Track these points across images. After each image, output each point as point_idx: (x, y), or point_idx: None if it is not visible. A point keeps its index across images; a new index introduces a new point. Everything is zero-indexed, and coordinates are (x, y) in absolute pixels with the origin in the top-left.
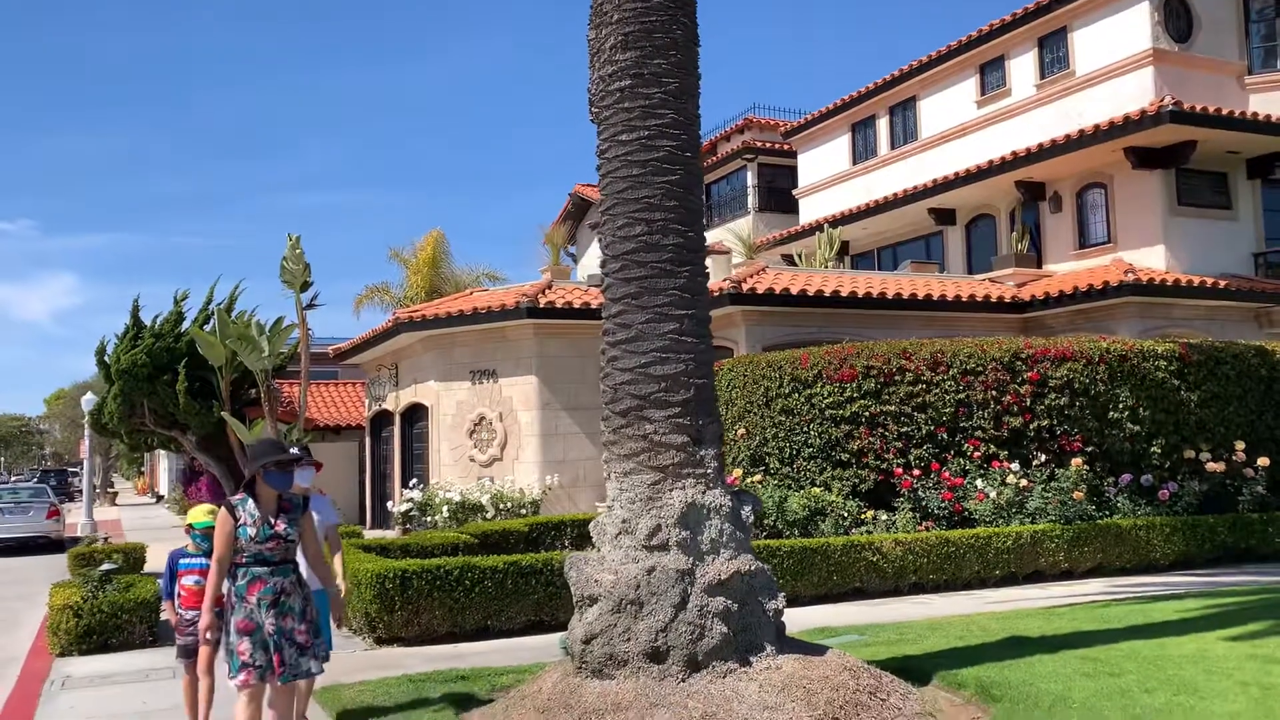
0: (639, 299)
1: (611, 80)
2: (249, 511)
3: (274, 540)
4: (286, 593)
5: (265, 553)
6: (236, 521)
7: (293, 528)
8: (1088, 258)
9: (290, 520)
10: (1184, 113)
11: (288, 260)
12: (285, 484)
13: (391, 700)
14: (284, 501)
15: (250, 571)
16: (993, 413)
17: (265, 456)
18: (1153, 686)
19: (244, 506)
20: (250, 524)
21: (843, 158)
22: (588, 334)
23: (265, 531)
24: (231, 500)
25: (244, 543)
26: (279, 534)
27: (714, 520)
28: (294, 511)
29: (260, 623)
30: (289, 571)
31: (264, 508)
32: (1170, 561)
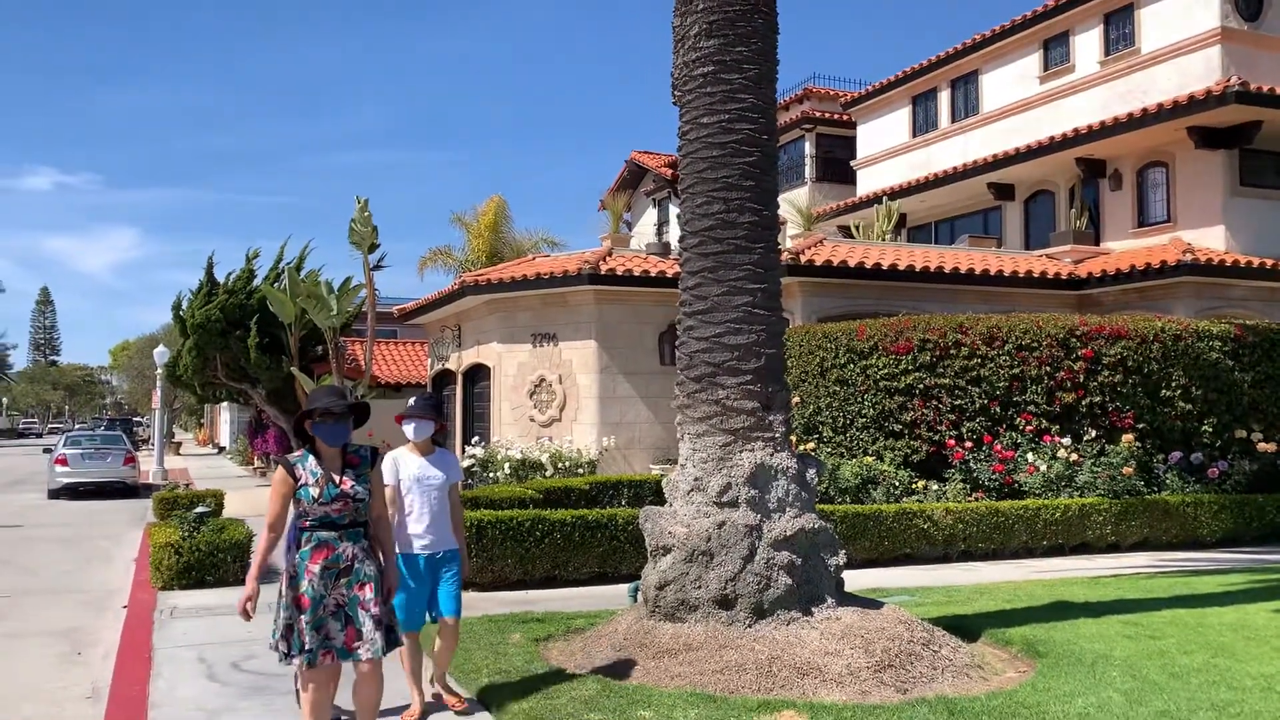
0: (715, 273)
1: (695, 66)
2: (309, 469)
3: (341, 500)
4: (358, 559)
5: (332, 515)
6: (296, 481)
7: (362, 484)
8: (1146, 236)
9: (358, 477)
10: (1249, 93)
11: (356, 222)
12: (336, 438)
13: (474, 636)
14: (349, 455)
15: (316, 537)
16: (1046, 388)
17: (315, 404)
18: (1191, 649)
19: (304, 464)
20: (312, 483)
21: (902, 130)
22: (646, 300)
23: (330, 491)
24: (289, 457)
25: (306, 505)
26: (346, 493)
27: (780, 480)
28: (362, 466)
29: (323, 596)
30: (359, 536)
31: (327, 464)
32: (1218, 538)
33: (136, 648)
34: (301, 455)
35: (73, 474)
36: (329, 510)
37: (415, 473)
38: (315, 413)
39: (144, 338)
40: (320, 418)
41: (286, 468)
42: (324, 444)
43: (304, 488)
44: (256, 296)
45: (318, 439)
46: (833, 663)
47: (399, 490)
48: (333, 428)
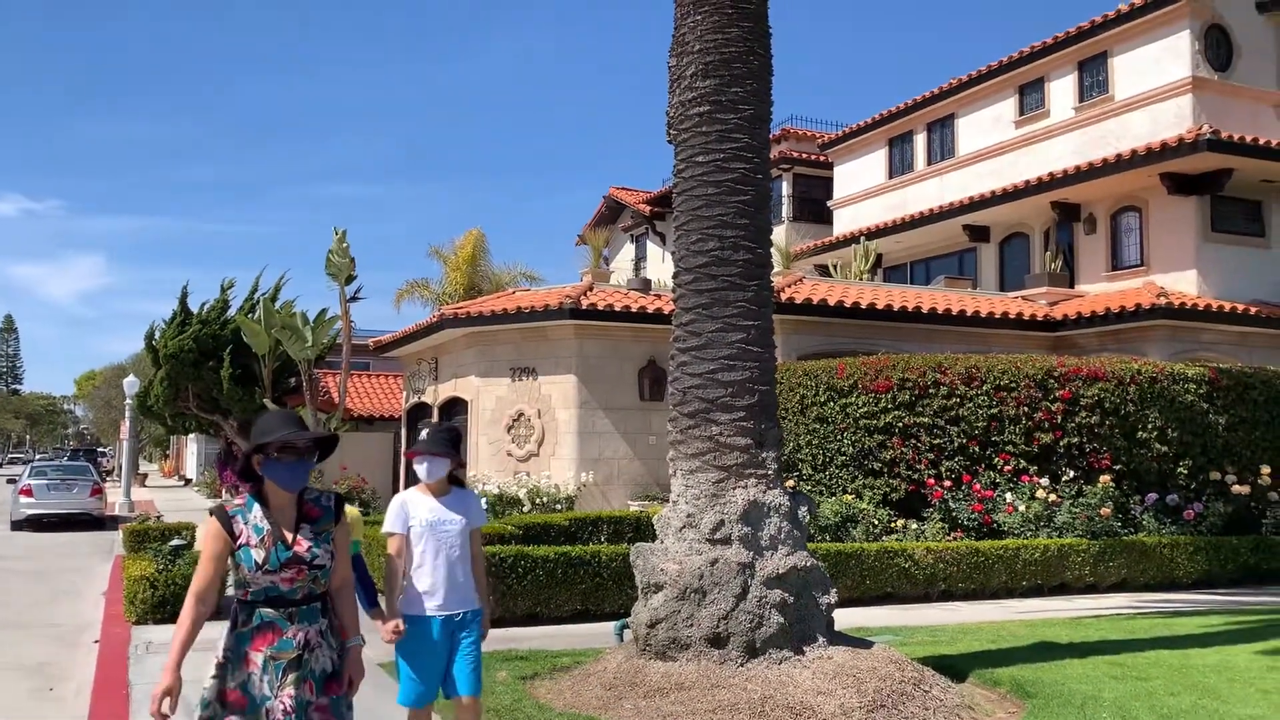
0: (709, 309)
1: (690, 105)
2: (253, 523)
3: (294, 568)
4: (310, 648)
5: (281, 587)
6: (235, 539)
7: (322, 545)
8: (1120, 280)
9: (318, 535)
10: (1221, 141)
11: (333, 253)
12: (295, 480)
13: None
14: (307, 505)
15: (259, 615)
16: (1024, 428)
17: (269, 435)
18: (1178, 691)
19: (245, 515)
20: (255, 543)
21: (879, 171)
22: (626, 336)
23: (280, 555)
24: (226, 507)
25: (248, 572)
26: (301, 558)
27: (773, 518)
28: (323, 520)
29: (265, 699)
30: (316, 614)
31: (276, 515)
32: (1193, 580)
33: (112, 684)
34: (244, 504)
35: (37, 505)
36: (277, 580)
37: (428, 517)
38: (270, 447)
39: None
40: (278, 454)
41: (222, 520)
42: (277, 488)
43: (245, 549)
44: (230, 327)
45: (269, 481)
46: (825, 703)
47: (408, 540)
48: (292, 468)
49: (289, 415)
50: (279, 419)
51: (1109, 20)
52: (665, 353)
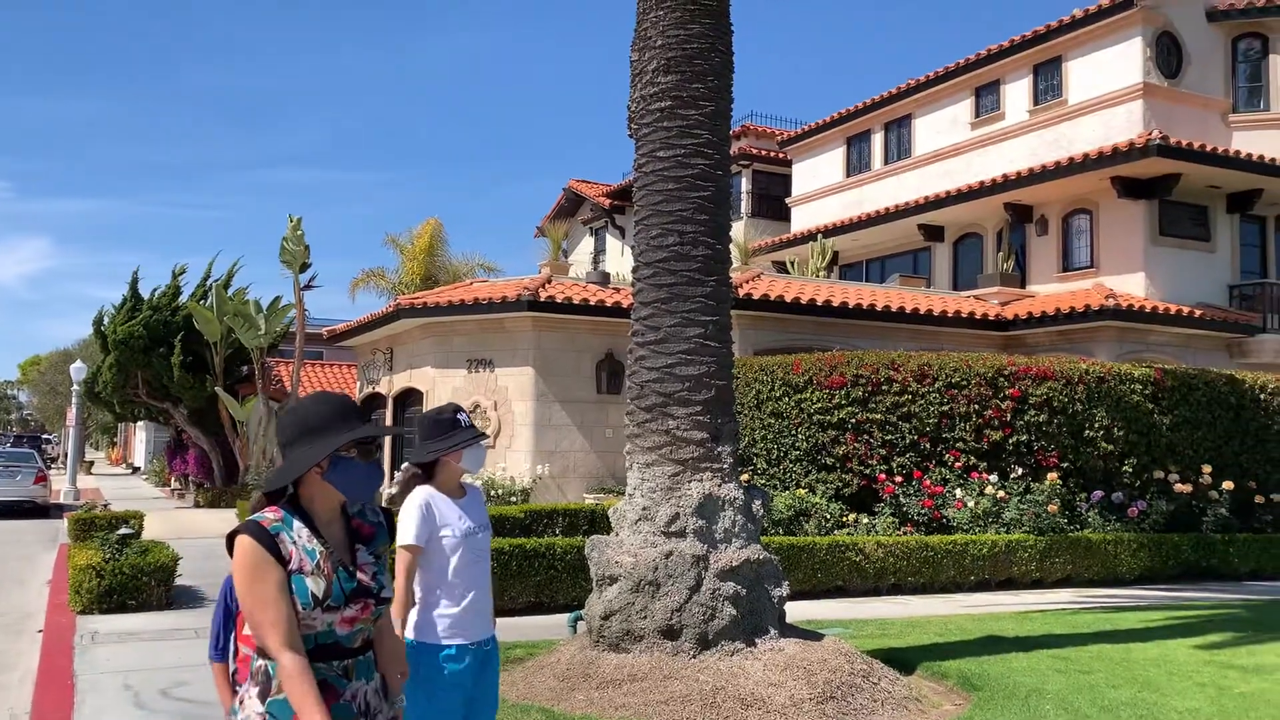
0: (668, 304)
1: (652, 100)
2: (302, 544)
3: (359, 601)
4: (371, 714)
5: (337, 630)
6: (284, 564)
7: (384, 573)
8: (1070, 281)
9: (377, 559)
10: (1170, 147)
11: (288, 241)
12: (369, 488)
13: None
14: (354, 521)
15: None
16: (974, 425)
17: (331, 428)
18: (1119, 684)
19: (289, 533)
20: (310, 569)
21: (837, 170)
22: (584, 329)
23: (344, 584)
24: (264, 522)
25: (300, 609)
26: (367, 588)
27: (728, 511)
28: (377, 540)
29: None
30: (371, 668)
31: (328, 533)
32: (1136, 576)
33: (57, 673)
34: (280, 519)
35: None
36: (336, 622)
37: (461, 526)
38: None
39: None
40: (350, 453)
41: (262, 540)
42: (324, 501)
43: (298, 578)
44: (182, 313)
45: (321, 491)
46: (776, 694)
47: (430, 552)
48: (369, 472)
49: (342, 403)
50: (333, 408)
51: (1064, 25)
52: (623, 346)
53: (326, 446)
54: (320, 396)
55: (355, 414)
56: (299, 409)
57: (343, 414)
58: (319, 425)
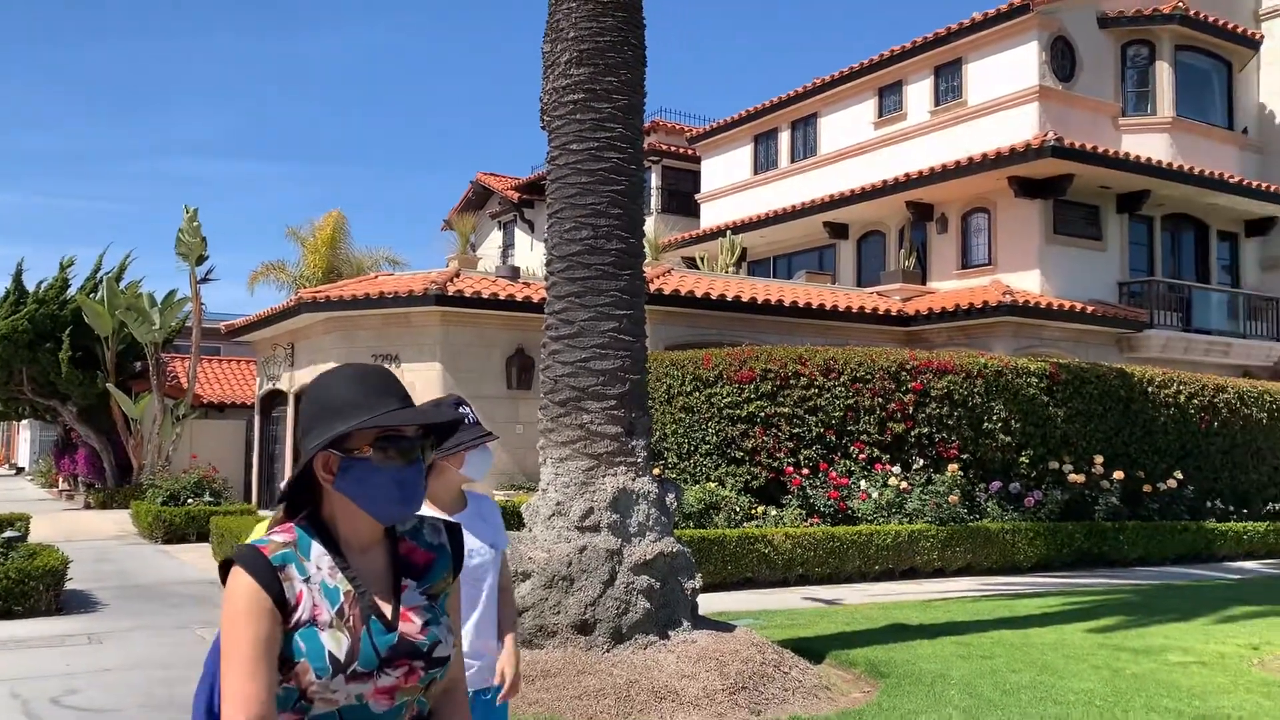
0: (582, 298)
1: (565, 92)
2: (321, 580)
3: (402, 665)
4: None
5: (372, 705)
6: (289, 612)
7: (441, 621)
8: (969, 278)
9: (432, 600)
10: (1064, 148)
11: (184, 232)
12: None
13: None
14: (405, 543)
15: None
16: (878, 418)
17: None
18: (1019, 668)
19: (302, 563)
20: (328, 618)
21: (745, 167)
22: (494, 324)
23: (378, 640)
24: (265, 548)
25: (313, 678)
26: (413, 645)
27: (642, 505)
28: (436, 570)
29: None
30: None
31: (360, 563)
32: (1033, 563)
33: None
34: (292, 542)
35: None
36: (369, 693)
37: None
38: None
39: None
40: (375, 449)
41: (260, 574)
42: (362, 517)
43: (309, 631)
44: (70, 307)
45: (343, 505)
46: (689, 685)
47: None
48: (402, 477)
49: (379, 376)
50: (361, 382)
51: (964, 28)
52: (534, 341)
53: (324, 439)
54: (348, 369)
55: (391, 391)
56: (318, 384)
57: (373, 391)
58: (339, 407)
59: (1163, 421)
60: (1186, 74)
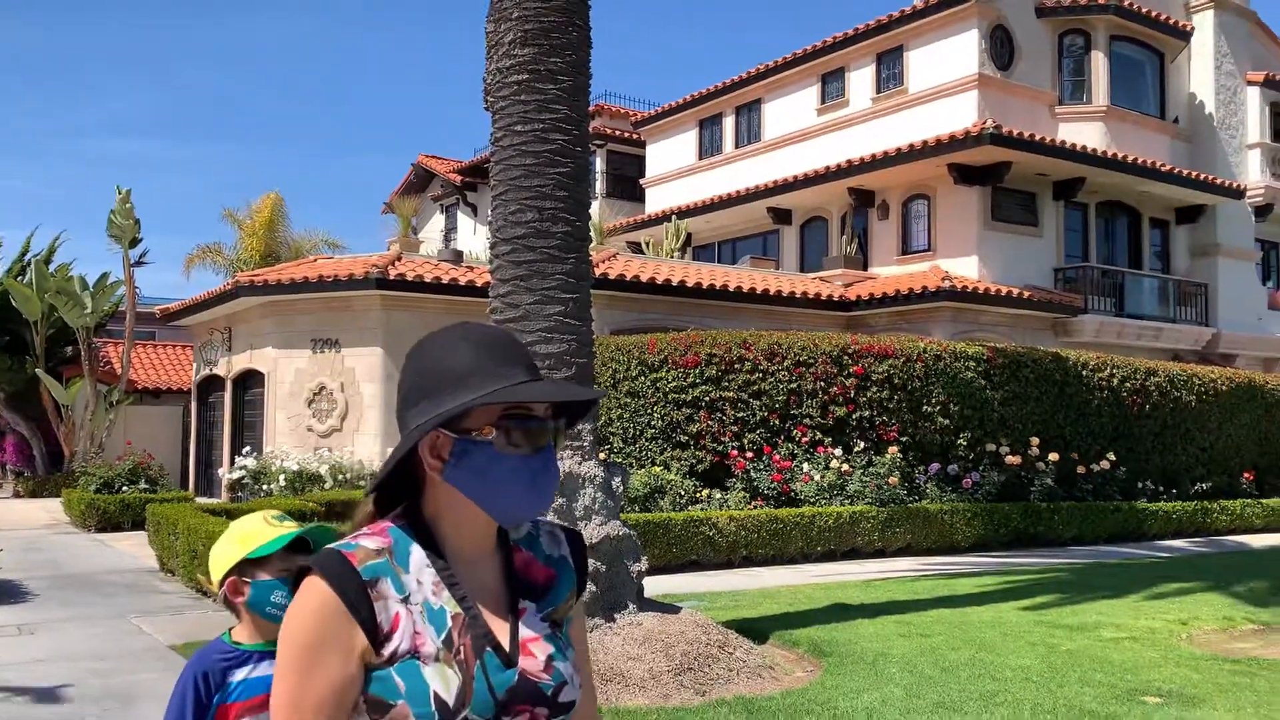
0: (528, 281)
1: (509, 73)
2: (421, 600)
3: (523, 712)
4: None
5: None
6: (379, 640)
7: (565, 653)
8: (909, 263)
9: (555, 627)
10: (1002, 136)
11: (116, 214)
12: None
13: None
14: (518, 552)
15: None
16: (820, 402)
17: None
18: (958, 646)
19: (398, 577)
20: (433, 650)
21: (690, 152)
22: (437, 308)
23: (494, 679)
24: (352, 552)
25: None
26: (535, 686)
27: (589, 489)
28: (558, 587)
29: None
30: None
31: (470, 576)
32: (970, 544)
33: None
34: (389, 548)
35: None
36: None
37: None
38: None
39: None
40: (505, 431)
41: (346, 591)
42: (473, 518)
43: (409, 666)
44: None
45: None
46: (635, 667)
47: None
48: (528, 474)
49: (505, 341)
50: (487, 347)
51: (905, 16)
52: None
53: (440, 415)
54: (466, 328)
55: (519, 360)
56: (429, 346)
57: (500, 358)
58: (459, 375)
59: (1096, 404)
60: (1121, 64)
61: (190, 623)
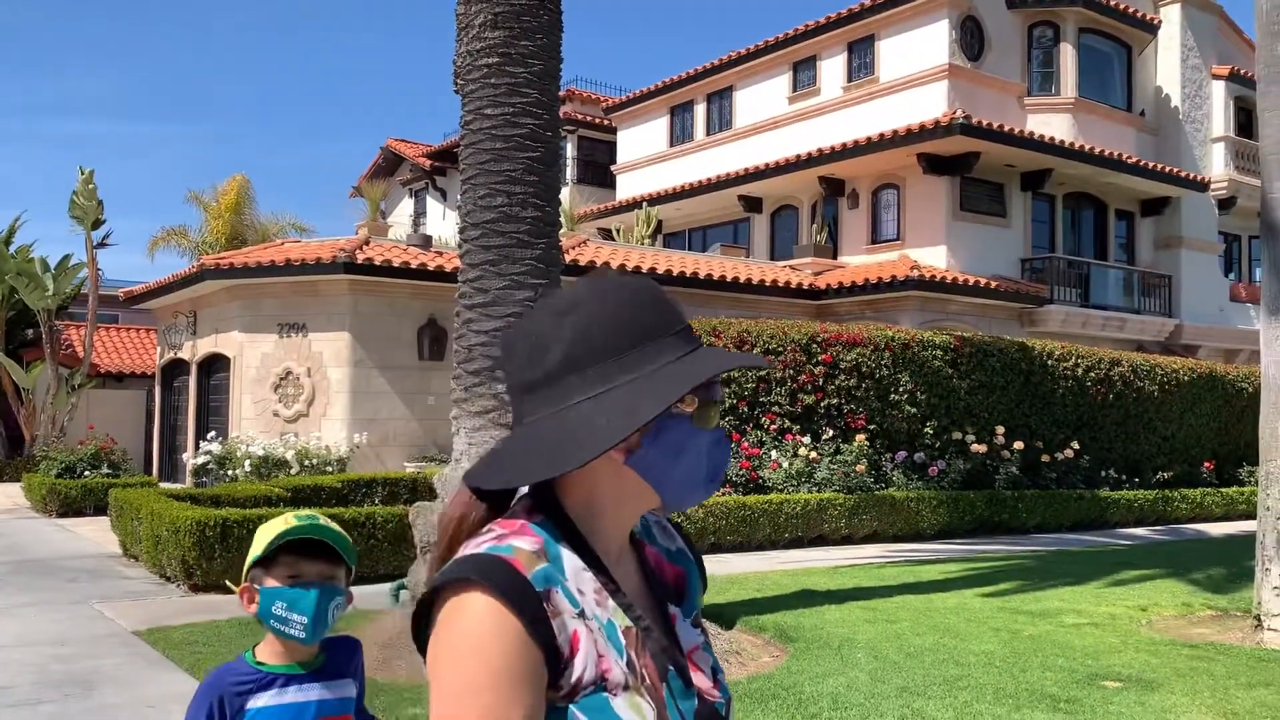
0: (497, 266)
1: (480, 56)
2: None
3: None
4: None
5: None
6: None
7: (719, 668)
8: (878, 252)
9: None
10: (972, 126)
11: (79, 195)
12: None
13: (224, 640)
14: (644, 546)
15: None
16: (789, 390)
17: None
18: (923, 632)
19: (569, 587)
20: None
21: (661, 139)
22: (405, 293)
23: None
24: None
25: None
26: (712, 708)
27: None
28: (692, 597)
29: None
30: None
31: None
32: (936, 531)
33: None
34: (543, 551)
35: None
36: None
37: None
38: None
39: None
40: (704, 406)
41: (525, 609)
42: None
43: (595, 700)
44: None
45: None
46: None
47: None
48: (719, 442)
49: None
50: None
51: (876, 5)
52: (446, 311)
53: (681, 382)
54: (640, 283)
55: (682, 317)
56: (578, 299)
57: (679, 316)
58: (650, 336)
59: (1061, 394)
60: (1089, 56)
61: (153, 608)
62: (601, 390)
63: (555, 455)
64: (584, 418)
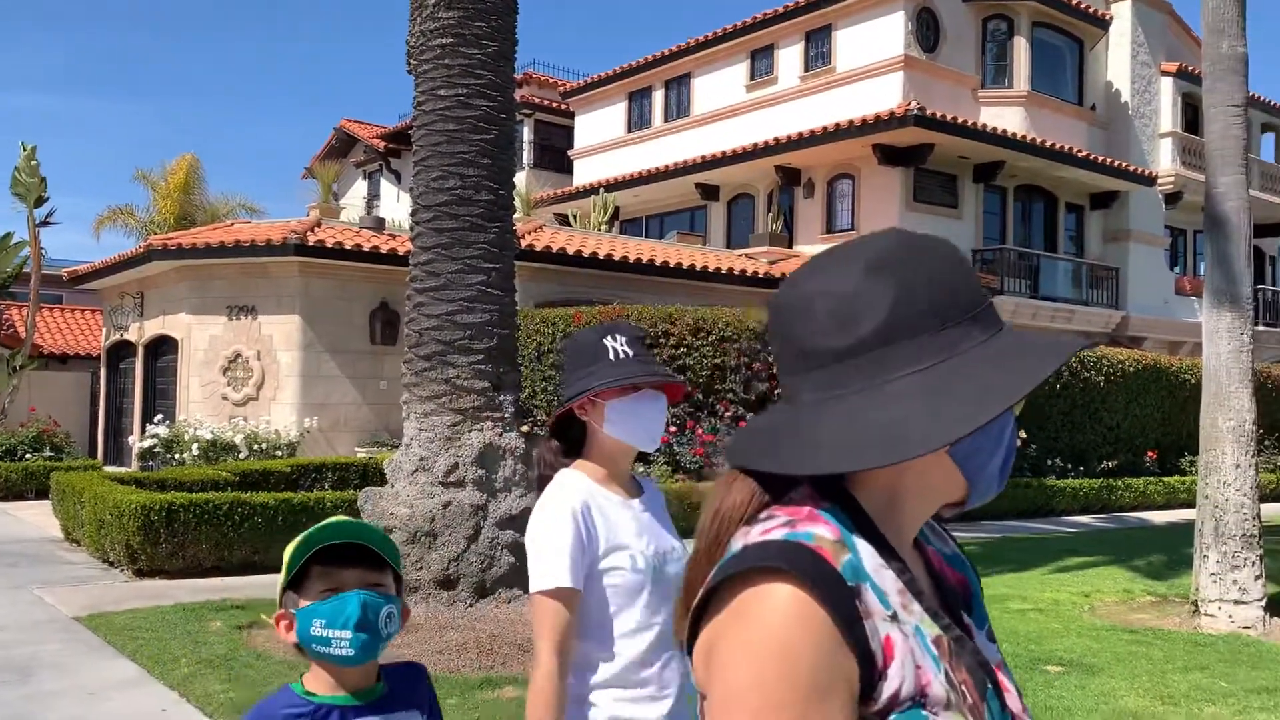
0: (449, 250)
1: (433, 36)
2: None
3: None
4: None
5: None
6: (876, 672)
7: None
8: (833, 242)
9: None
10: (926, 118)
11: (20, 171)
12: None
13: (169, 625)
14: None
15: None
16: (743, 378)
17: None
18: None
19: (876, 582)
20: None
21: (619, 125)
22: (357, 276)
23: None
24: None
25: None
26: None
27: (508, 461)
28: (980, 605)
29: None
30: None
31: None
32: None
33: None
34: (843, 542)
35: None
36: None
37: (647, 547)
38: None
39: None
40: None
41: (840, 607)
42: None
43: (912, 714)
44: None
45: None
46: None
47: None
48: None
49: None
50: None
51: None
52: (399, 295)
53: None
54: (931, 239)
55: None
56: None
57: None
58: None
59: None
60: (1042, 50)
61: (94, 593)
62: (930, 364)
63: (896, 439)
64: (940, 390)
